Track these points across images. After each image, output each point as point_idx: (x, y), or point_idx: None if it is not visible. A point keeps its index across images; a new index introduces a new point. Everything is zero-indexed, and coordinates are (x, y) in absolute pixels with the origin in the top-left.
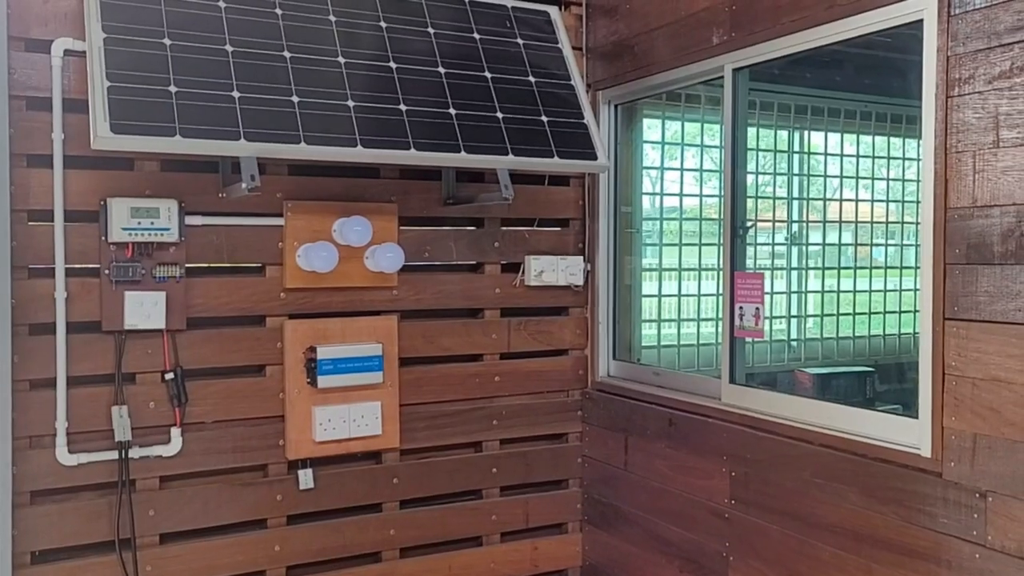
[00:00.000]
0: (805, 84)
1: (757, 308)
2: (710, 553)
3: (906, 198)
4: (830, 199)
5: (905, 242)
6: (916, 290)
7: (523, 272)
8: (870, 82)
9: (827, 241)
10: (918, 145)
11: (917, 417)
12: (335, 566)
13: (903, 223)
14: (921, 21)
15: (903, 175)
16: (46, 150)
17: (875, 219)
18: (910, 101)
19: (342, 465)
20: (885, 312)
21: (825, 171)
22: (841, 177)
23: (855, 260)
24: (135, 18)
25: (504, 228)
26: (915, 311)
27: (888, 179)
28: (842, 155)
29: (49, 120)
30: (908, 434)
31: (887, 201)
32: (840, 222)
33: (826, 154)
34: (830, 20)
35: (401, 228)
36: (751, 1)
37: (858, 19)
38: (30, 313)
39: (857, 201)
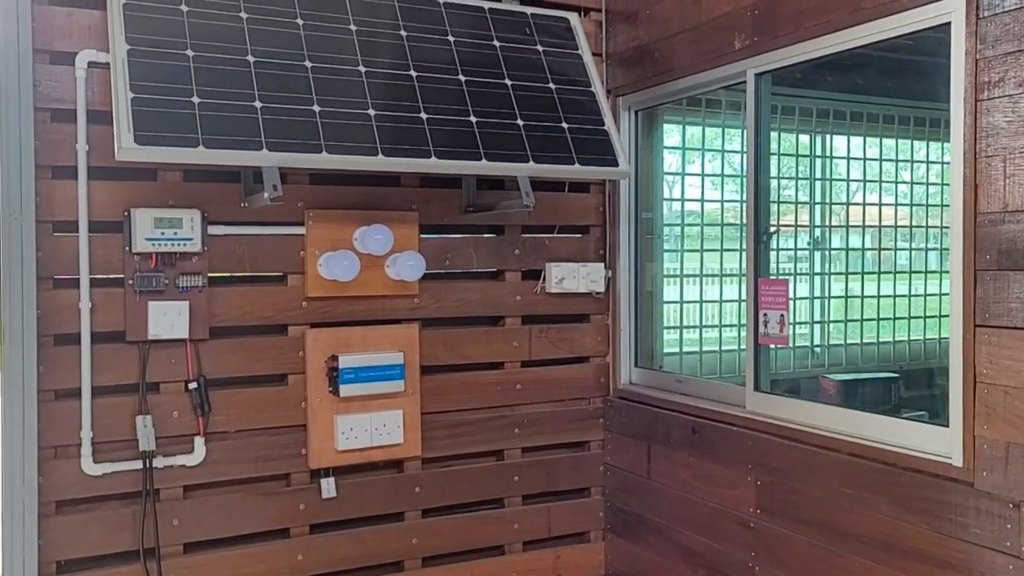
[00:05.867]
0: (827, 88)
1: (782, 315)
2: (735, 563)
3: (930, 202)
4: (853, 203)
5: (929, 246)
6: (942, 295)
7: (544, 279)
8: (893, 85)
9: (850, 245)
10: (942, 148)
11: (948, 426)
12: (358, 575)
13: (927, 227)
14: (949, 24)
15: (927, 178)
16: (71, 161)
17: (899, 223)
18: (933, 104)
19: (364, 474)
20: (910, 317)
21: (848, 175)
22: (864, 181)
23: (879, 264)
24: (158, 30)
25: (524, 235)
26: (940, 316)
27: (912, 183)
28: (865, 159)
29: (73, 132)
30: (939, 443)
31: (911, 205)
32: (863, 226)
33: (849, 158)
34: (855, 24)
35: (422, 236)
36: (774, 5)
37: (884, 22)
38: (55, 323)
39: (881, 205)
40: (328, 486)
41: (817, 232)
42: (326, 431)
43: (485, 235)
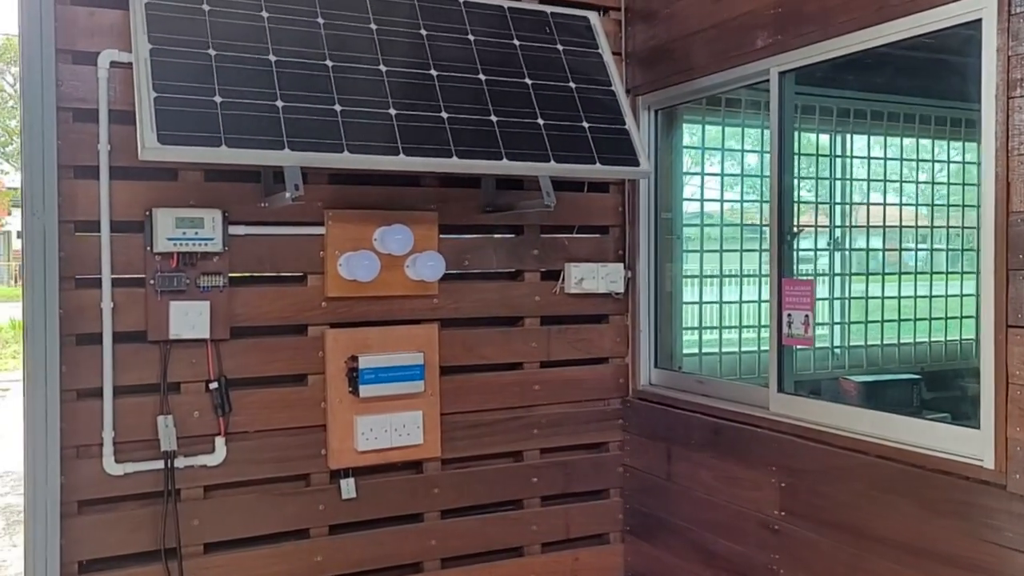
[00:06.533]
0: (848, 87)
1: (806, 316)
2: (759, 566)
3: (952, 202)
4: (874, 203)
5: (951, 247)
6: (963, 296)
7: (563, 280)
8: (915, 84)
9: (871, 246)
10: (962, 147)
11: (979, 427)
12: None
13: (948, 227)
14: (980, 21)
15: (948, 178)
16: (93, 161)
17: (920, 223)
18: (956, 103)
19: (383, 475)
20: (931, 318)
21: (869, 175)
22: (885, 181)
23: (899, 265)
24: (180, 29)
25: (543, 235)
26: (961, 317)
27: (932, 183)
28: (886, 158)
29: (96, 131)
30: (970, 445)
31: (932, 205)
32: (884, 226)
33: (869, 158)
34: (882, 21)
35: (441, 236)
36: (799, 3)
37: (912, 19)
38: (77, 323)
39: (901, 205)
40: (348, 487)
41: (837, 232)
42: (346, 432)
43: (504, 235)
